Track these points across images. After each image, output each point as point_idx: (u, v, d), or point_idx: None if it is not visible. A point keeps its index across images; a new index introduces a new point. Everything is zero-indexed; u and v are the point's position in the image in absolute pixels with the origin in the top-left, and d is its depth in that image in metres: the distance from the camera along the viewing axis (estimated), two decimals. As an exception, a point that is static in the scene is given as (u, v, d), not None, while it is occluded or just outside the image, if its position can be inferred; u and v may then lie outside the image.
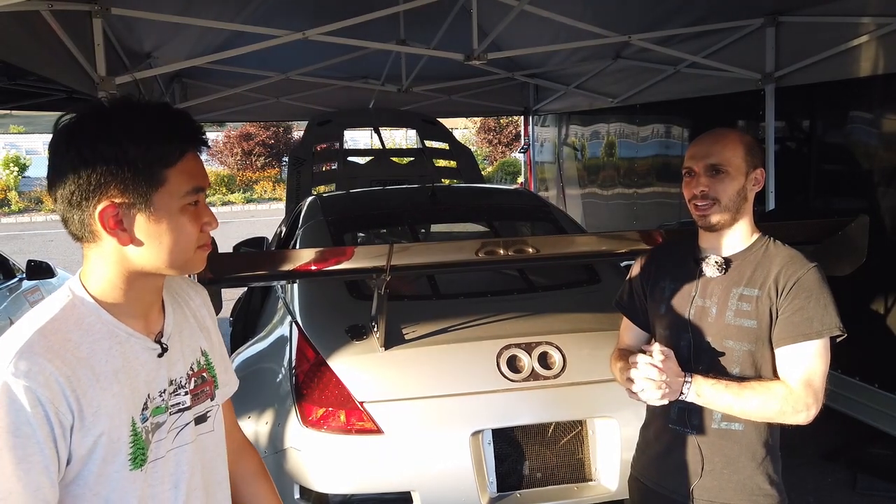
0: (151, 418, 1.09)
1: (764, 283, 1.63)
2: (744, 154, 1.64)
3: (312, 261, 2.48)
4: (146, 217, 1.05)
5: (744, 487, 1.67)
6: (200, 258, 1.13)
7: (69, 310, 1.06)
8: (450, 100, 7.09)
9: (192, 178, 1.07)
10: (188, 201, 1.07)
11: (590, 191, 7.22)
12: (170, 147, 1.05)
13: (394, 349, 2.53)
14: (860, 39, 3.61)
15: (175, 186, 1.05)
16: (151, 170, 1.03)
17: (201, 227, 1.10)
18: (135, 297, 1.10)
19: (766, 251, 1.68)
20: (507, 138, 20.85)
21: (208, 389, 1.22)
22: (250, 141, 20.00)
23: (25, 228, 14.85)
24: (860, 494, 3.62)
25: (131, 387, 1.07)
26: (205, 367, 1.22)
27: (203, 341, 1.24)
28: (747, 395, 1.57)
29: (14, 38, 2.28)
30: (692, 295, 1.70)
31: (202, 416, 1.20)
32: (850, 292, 3.75)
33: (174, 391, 1.14)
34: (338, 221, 3.48)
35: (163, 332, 1.15)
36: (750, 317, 1.63)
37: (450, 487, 2.42)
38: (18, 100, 5.74)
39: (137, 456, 1.06)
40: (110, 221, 1.04)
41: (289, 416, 2.50)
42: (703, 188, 1.64)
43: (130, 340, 1.09)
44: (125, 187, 1.03)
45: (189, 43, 4.92)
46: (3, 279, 4.76)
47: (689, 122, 5.51)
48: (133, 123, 1.04)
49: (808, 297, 1.59)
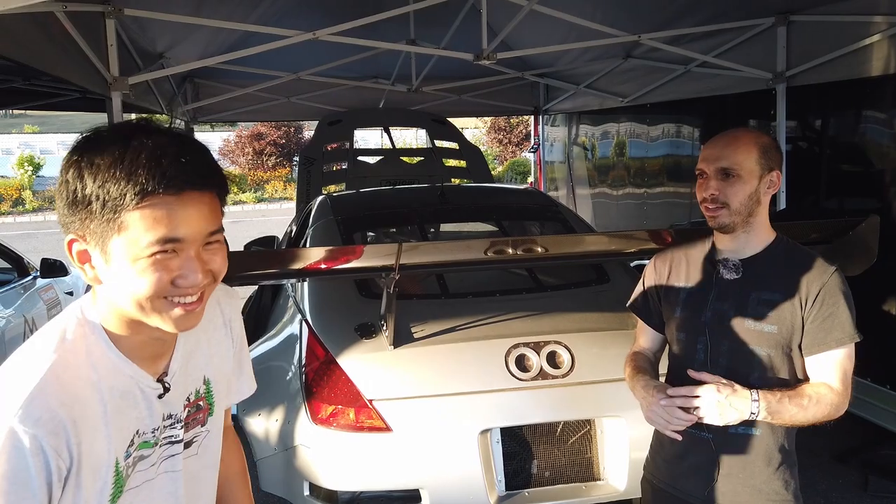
0: (135, 453, 1.02)
1: (786, 288, 1.62)
2: (757, 157, 1.61)
3: (323, 259, 2.50)
4: (101, 257, 0.93)
5: (759, 492, 1.66)
6: (178, 315, 0.96)
7: (80, 340, 0.97)
8: (460, 99, 7.10)
9: (158, 228, 0.90)
10: (151, 251, 0.91)
11: (600, 191, 7.21)
12: (129, 186, 0.89)
13: (403, 347, 2.54)
14: (872, 38, 3.59)
15: (134, 233, 0.90)
16: (106, 210, 0.90)
17: (172, 280, 0.93)
18: (138, 340, 1.00)
19: (785, 254, 1.66)
20: (518, 138, 20.83)
21: (201, 416, 1.13)
22: (261, 141, 20.09)
23: (40, 227, 14.98)
24: (871, 496, 3.60)
25: (121, 427, 0.99)
26: (203, 395, 1.14)
27: (211, 368, 1.15)
28: (806, 403, 1.56)
29: (29, 40, 2.31)
30: (709, 298, 1.69)
31: (189, 442, 1.12)
32: (862, 294, 3.74)
33: (170, 425, 1.07)
34: (348, 220, 3.49)
35: (167, 371, 1.06)
36: (771, 322, 1.62)
37: (458, 485, 2.43)
38: (33, 100, 5.81)
39: (116, 492, 0.99)
40: (79, 256, 0.95)
41: (298, 413, 2.52)
42: (714, 192, 1.62)
43: (134, 379, 1.01)
44: (82, 224, 0.92)
45: (201, 43, 4.95)
46: (18, 277, 4.81)
47: (700, 121, 5.49)
48: (104, 153, 0.91)
49: (837, 303, 1.59)
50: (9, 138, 26.19)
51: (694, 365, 1.69)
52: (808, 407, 1.56)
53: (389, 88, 6.42)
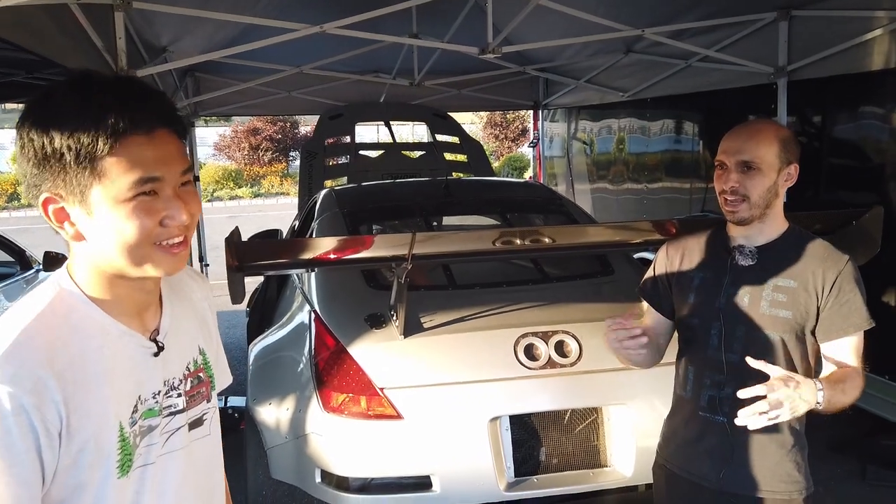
0: (141, 421, 1.00)
1: (801, 275, 1.66)
2: (778, 151, 1.64)
3: (334, 249, 2.53)
4: (83, 211, 0.93)
5: (773, 474, 1.70)
6: (166, 259, 0.97)
7: (57, 304, 0.96)
8: (460, 94, 7.11)
9: (137, 168, 0.91)
10: (134, 192, 0.92)
11: (599, 186, 7.24)
12: (101, 131, 0.89)
13: (413, 337, 2.57)
14: (873, 33, 3.63)
15: (114, 178, 0.91)
16: (80, 160, 0.90)
17: (160, 220, 0.95)
18: (123, 294, 1.00)
19: (800, 242, 1.70)
20: (514, 133, 20.85)
21: (205, 391, 1.12)
22: (258, 136, 20.04)
23: (35, 222, 14.91)
24: (870, 485, 3.65)
25: (120, 389, 0.98)
26: (202, 366, 1.13)
27: (202, 339, 1.15)
28: (848, 388, 1.60)
29: (46, 32, 2.33)
30: (723, 284, 1.72)
31: (198, 419, 1.10)
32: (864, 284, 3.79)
33: (167, 392, 1.05)
34: (353, 213, 3.52)
35: (159, 329, 1.06)
36: (786, 307, 1.66)
37: (468, 472, 2.47)
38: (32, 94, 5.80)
39: (125, 462, 0.97)
40: (55, 214, 0.94)
41: (310, 402, 2.55)
42: (734, 184, 1.64)
43: (123, 339, 1.00)
44: (56, 180, 0.91)
45: (204, 37, 4.96)
46: (21, 270, 4.82)
47: (701, 116, 5.53)
48: (66, 105, 0.90)
49: (853, 290, 1.65)
50: (3, 133, 26.03)
51: (707, 350, 1.74)
52: (847, 390, 1.60)
53: (390, 83, 6.44)
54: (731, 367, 1.70)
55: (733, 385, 1.68)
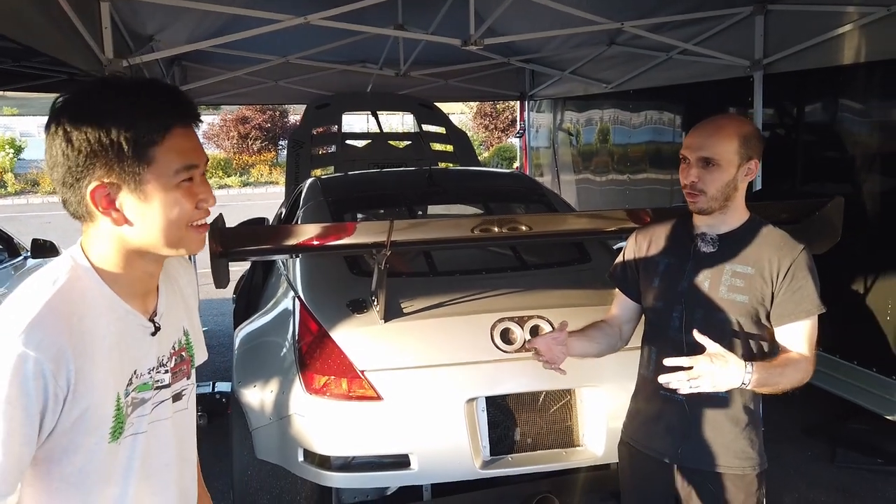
0: (134, 394, 1.09)
1: (758, 262, 1.75)
2: (737, 147, 1.73)
3: (316, 236, 2.60)
4: (136, 197, 1.04)
5: (727, 450, 1.80)
6: (197, 238, 1.10)
7: (73, 281, 1.05)
8: (447, 84, 7.16)
9: (182, 156, 1.05)
10: (180, 178, 1.05)
11: (584, 176, 7.33)
12: (153, 125, 1.02)
13: (393, 322, 2.65)
14: (845, 28, 3.72)
15: (163, 165, 1.03)
16: (136, 150, 1.01)
17: (196, 203, 1.08)
18: (134, 276, 1.10)
19: (759, 231, 1.80)
20: (504, 124, 20.90)
21: (185, 368, 1.22)
22: (246, 124, 19.99)
23: (22, 210, 14.88)
24: (838, 467, 3.77)
25: (121, 362, 1.07)
26: (185, 346, 1.23)
27: (186, 321, 1.25)
28: (788, 371, 1.69)
29: (32, 21, 2.38)
30: (686, 269, 1.82)
31: (178, 394, 1.20)
32: (832, 272, 3.89)
33: (157, 368, 1.15)
34: (338, 202, 3.59)
35: (157, 311, 1.15)
36: (742, 292, 1.75)
37: (445, 450, 2.56)
38: (20, 81, 5.80)
39: (116, 429, 1.07)
40: (102, 201, 1.03)
41: (293, 384, 2.62)
42: (694, 179, 1.75)
43: (127, 317, 1.09)
44: (111, 168, 1.01)
45: (190, 26, 4.98)
46: (9, 257, 4.85)
47: (681, 107, 5.62)
48: (116, 102, 1.02)
49: (805, 278, 1.73)
50: (-10, 121, 25.84)
51: (669, 332, 1.83)
52: (786, 374, 1.69)
53: (377, 73, 6.47)
54: (689, 348, 1.78)
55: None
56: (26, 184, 17.49)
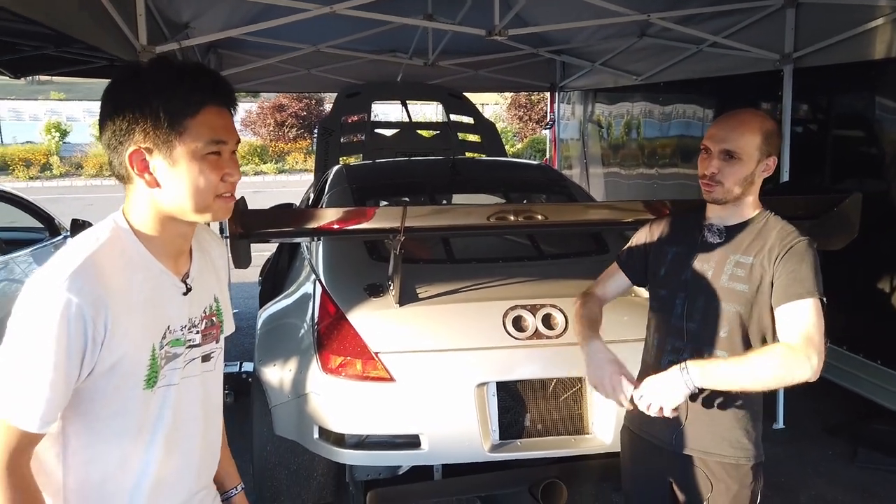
0: (168, 347, 1.22)
1: (759, 252, 1.77)
2: (759, 143, 1.75)
3: (334, 220, 2.68)
4: (167, 162, 1.16)
5: (722, 439, 1.83)
6: (223, 207, 1.22)
7: (114, 240, 1.18)
8: (476, 75, 7.17)
9: (212, 131, 1.16)
10: (207, 151, 1.16)
11: (612, 170, 7.28)
12: (189, 99, 1.15)
13: (408, 306, 2.71)
14: (876, 22, 3.65)
15: (194, 136, 1.15)
16: (171, 119, 1.14)
17: (222, 176, 1.19)
18: (167, 238, 1.22)
19: (765, 224, 1.81)
20: (538, 115, 20.75)
21: (215, 332, 1.34)
22: (283, 112, 20.25)
23: (66, 192, 15.34)
24: (859, 467, 3.73)
25: (155, 317, 1.20)
26: (215, 311, 1.35)
27: (217, 290, 1.37)
28: (753, 360, 1.68)
29: (66, 8, 2.48)
30: (692, 258, 1.85)
31: (207, 355, 1.32)
32: (855, 270, 3.85)
33: (189, 328, 1.27)
34: (362, 189, 3.66)
35: (189, 274, 1.28)
36: (743, 281, 1.77)
37: (455, 432, 2.62)
38: (63, 66, 6.00)
39: (151, 378, 1.19)
40: (138, 164, 1.16)
41: (310, 364, 2.71)
42: (714, 171, 1.77)
43: (161, 276, 1.22)
44: (147, 134, 1.14)
45: (224, 14, 5.10)
46: (50, 236, 5.05)
47: (710, 101, 5.55)
48: (160, 78, 1.16)
49: (800, 262, 1.72)
50: (36, 105, 26.60)
51: (672, 318, 1.87)
52: (752, 364, 1.67)
53: (407, 62, 6.52)
54: (690, 334, 1.83)
55: (691, 351, 1.82)
56: (71, 167, 18.02)
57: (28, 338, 1.10)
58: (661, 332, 1.91)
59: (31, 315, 1.10)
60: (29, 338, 1.10)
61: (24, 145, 18.99)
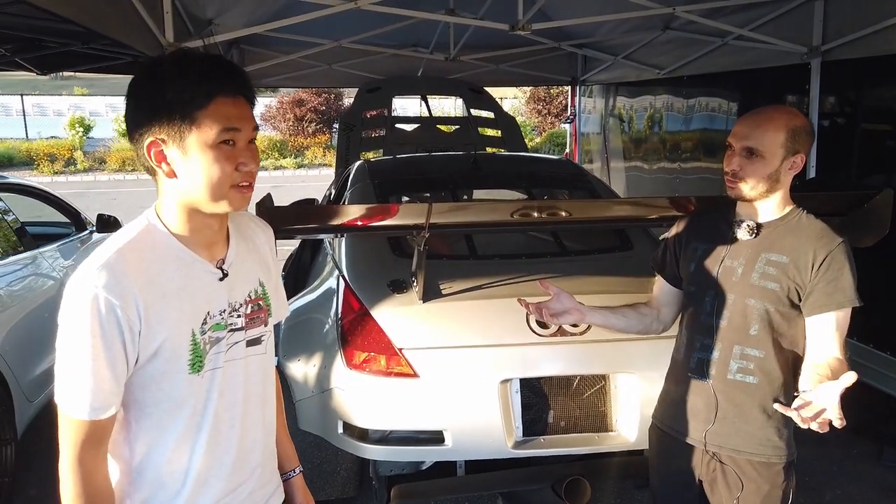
0: (210, 332, 1.26)
1: (794, 251, 1.75)
2: (784, 140, 1.72)
3: (359, 217, 2.68)
4: (180, 152, 1.19)
5: (753, 437, 1.81)
6: (239, 197, 1.23)
7: (145, 234, 1.23)
8: (497, 69, 7.15)
9: (224, 120, 1.18)
10: (219, 140, 1.18)
11: (634, 164, 7.23)
12: (199, 90, 1.17)
13: (431, 302, 2.72)
14: (908, 14, 3.59)
15: (206, 127, 1.17)
16: (183, 109, 1.16)
17: (236, 166, 1.20)
18: (196, 228, 1.25)
19: (798, 222, 1.79)
20: (557, 109, 20.64)
21: (262, 316, 1.37)
22: (302, 107, 20.31)
23: (90, 187, 15.53)
24: (885, 466, 3.68)
25: (192, 303, 1.24)
26: (261, 296, 1.37)
27: (262, 274, 1.40)
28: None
29: (96, 6, 2.51)
30: (722, 255, 1.83)
31: (256, 339, 1.35)
32: (881, 266, 3.78)
33: (230, 312, 1.30)
34: (384, 184, 3.67)
35: (225, 260, 1.31)
36: (775, 280, 1.75)
37: (479, 429, 2.62)
38: (89, 62, 6.08)
39: (195, 362, 1.24)
40: (156, 155, 1.20)
41: (334, 359, 2.73)
42: (735, 168, 1.75)
43: (195, 264, 1.26)
44: (162, 125, 1.18)
45: (247, 10, 5.13)
46: (76, 231, 5.11)
47: (736, 94, 5.49)
48: (175, 71, 1.18)
49: (841, 269, 1.71)
50: (60, 100, 26.98)
51: (701, 316, 1.85)
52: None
53: (427, 57, 6.52)
54: (719, 331, 1.82)
55: (720, 349, 1.81)
56: (94, 161, 18.22)
57: (68, 334, 1.17)
58: (691, 330, 1.89)
59: (68, 312, 1.17)
60: (69, 333, 1.17)
61: (49, 140, 19.22)
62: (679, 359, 1.94)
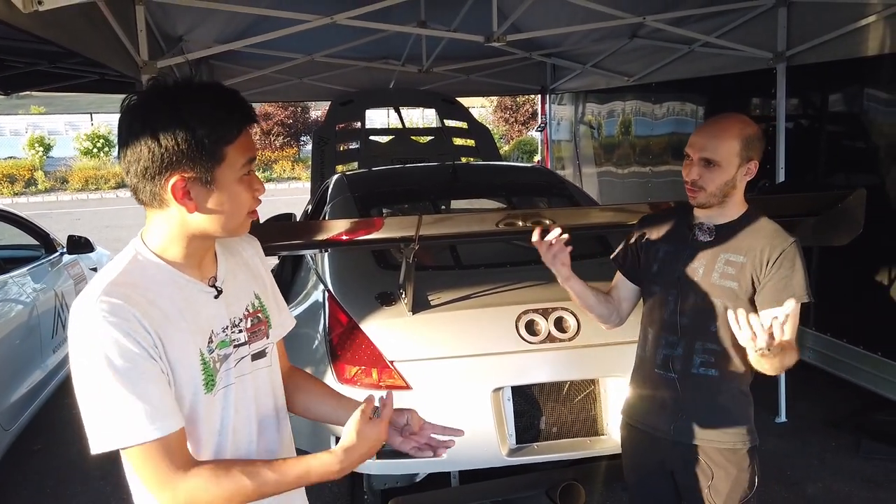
0: (217, 350, 1.26)
1: (749, 251, 1.85)
2: (739, 150, 1.82)
3: (345, 231, 2.69)
4: (209, 189, 1.19)
5: (719, 426, 1.91)
6: (248, 223, 1.28)
7: (134, 264, 1.22)
8: (468, 79, 7.20)
9: (247, 151, 1.21)
10: (244, 172, 1.21)
11: (605, 169, 7.34)
12: (230, 126, 1.18)
13: (421, 314, 2.73)
14: (868, 19, 3.71)
15: (233, 161, 1.19)
16: (215, 148, 1.16)
17: (253, 193, 1.24)
18: (190, 252, 1.25)
19: (753, 224, 1.89)
20: (524, 117, 20.84)
21: (263, 329, 1.37)
22: (269, 121, 20.15)
23: (53, 207, 15.20)
24: (863, 458, 3.78)
25: (195, 323, 1.23)
26: (259, 308, 1.37)
27: (256, 286, 1.39)
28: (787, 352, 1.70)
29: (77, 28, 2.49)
30: (683, 256, 1.92)
31: (260, 352, 1.35)
32: (854, 263, 3.90)
33: (232, 328, 1.30)
34: (364, 197, 3.66)
35: (216, 277, 1.31)
36: (733, 279, 1.85)
37: (472, 438, 2.61)
38: (53, 82, 5.97)
39: (208, 382, 1.24)
40: (179, 193, 1.18)
41: (325, 374, 2.71)
42: (695, 178, 1.85)
43: (189, 286, 1.25)
44: (193, 164, 1.16)
45: (218, 26, 5.09)
46: (46, 253, 4.98)
47: (704, 100, 5.62)
48: (198, 105, 1.16)
49: (791, 267, 1.82)
50: (16, 119, 26.32)
51: (665, 314, 1.94)
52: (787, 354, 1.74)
53: (400, 69, 6.54)
54: (683, 329, 1.90)
55: (683, 345, 1.90)
56: (55, 181, 17.84)
57: (88, 370, 1.14)
58: (656, 328, 1.98)
59: (84, 352, 1.14)
60: (89, 370, 1.14)
61: (7, 161, 18.74)
62: (645, 356, 2.02)
